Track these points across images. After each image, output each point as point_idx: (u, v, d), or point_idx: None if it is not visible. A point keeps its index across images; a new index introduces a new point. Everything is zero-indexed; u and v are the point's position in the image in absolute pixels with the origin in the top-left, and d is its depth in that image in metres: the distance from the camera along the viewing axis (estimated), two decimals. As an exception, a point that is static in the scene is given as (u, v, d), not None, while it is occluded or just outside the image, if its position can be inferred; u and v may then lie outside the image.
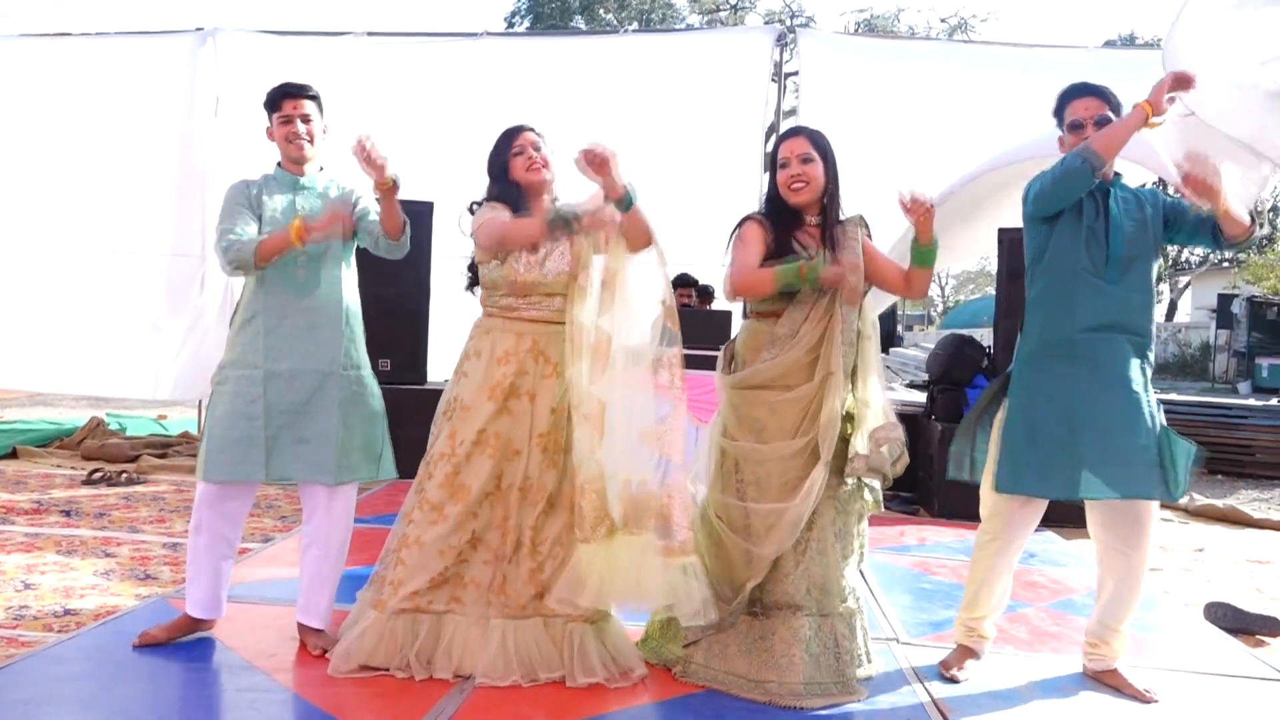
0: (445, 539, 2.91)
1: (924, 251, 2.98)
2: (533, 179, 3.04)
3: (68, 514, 5.08)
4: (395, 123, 7.35)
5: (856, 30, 22.20)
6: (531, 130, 3.11)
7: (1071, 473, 2.92)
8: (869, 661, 3.01)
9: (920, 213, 2.88)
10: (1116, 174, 3.04)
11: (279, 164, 3.14)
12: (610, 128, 7.52)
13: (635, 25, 21.13)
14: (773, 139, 8.63)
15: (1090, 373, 2.93)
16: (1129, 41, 24.06)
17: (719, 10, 23.88)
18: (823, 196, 3.03)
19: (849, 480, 2.95)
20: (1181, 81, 2.79)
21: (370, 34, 7.79)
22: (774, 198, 3.06)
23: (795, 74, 7.70)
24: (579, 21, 23.35)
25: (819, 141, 3.04)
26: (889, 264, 3.10)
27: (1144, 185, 3.08)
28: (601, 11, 23.44)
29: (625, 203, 2.84)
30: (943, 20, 23.29)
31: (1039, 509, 3.07)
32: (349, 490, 3.12)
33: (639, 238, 2.90)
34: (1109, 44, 21.50)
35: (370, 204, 3.08)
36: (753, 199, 6.95)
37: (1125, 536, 2.97)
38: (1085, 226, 2.95)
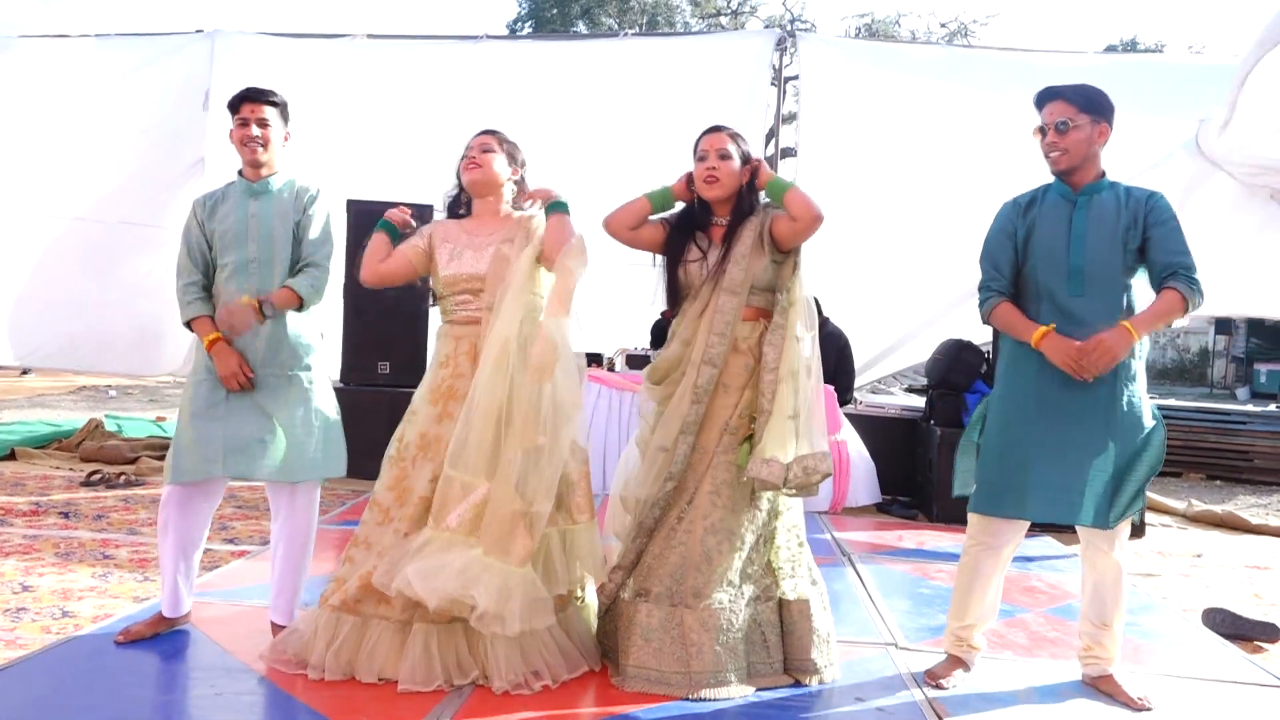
0: (385, 541, 2.93)
1: (770, 189, 3.01)
2: (465, 178, 3.10)
3: (66, 516, 5.08)
4: (395, 125, 7.38)
5: (857, 35, 22.22)
6: (489, 133, 3.13)
7: (1019, 494, 2.93)
8: (804, 669, 2.98)
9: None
10: (1101, 176, 2.96)
11: (239, 170, 3.20)
12: (609, 131, 7.56)
13: (636, 29, 21.12)
14: (771, 143, 8.67)
15: (1046, 394, 2.90)
16: (1130, 46, 24.10)
17: (720, 15, 23.90)
18: (735, 195, 3.05)
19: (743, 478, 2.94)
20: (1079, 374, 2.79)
21: (370, 36, 7.82)
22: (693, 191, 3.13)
23: (795, 78, 7.72)
24: (580, 26, 23.37)
25: (740, 141, 3.09)
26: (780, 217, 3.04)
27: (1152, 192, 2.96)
28: (603, 16, 23.45)
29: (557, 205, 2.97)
30: (942, 25, 23.32)
31: (1026, 519, 3.06)
32: (309, 489, 3.16)
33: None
34: (1110, 49, 21.54)
35: (319, 213, 3.13)
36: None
37: (1099, 534, 2.96)
38: (1048, 242, 2.92)
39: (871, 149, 7.26)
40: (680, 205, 3.14)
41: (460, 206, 3.19)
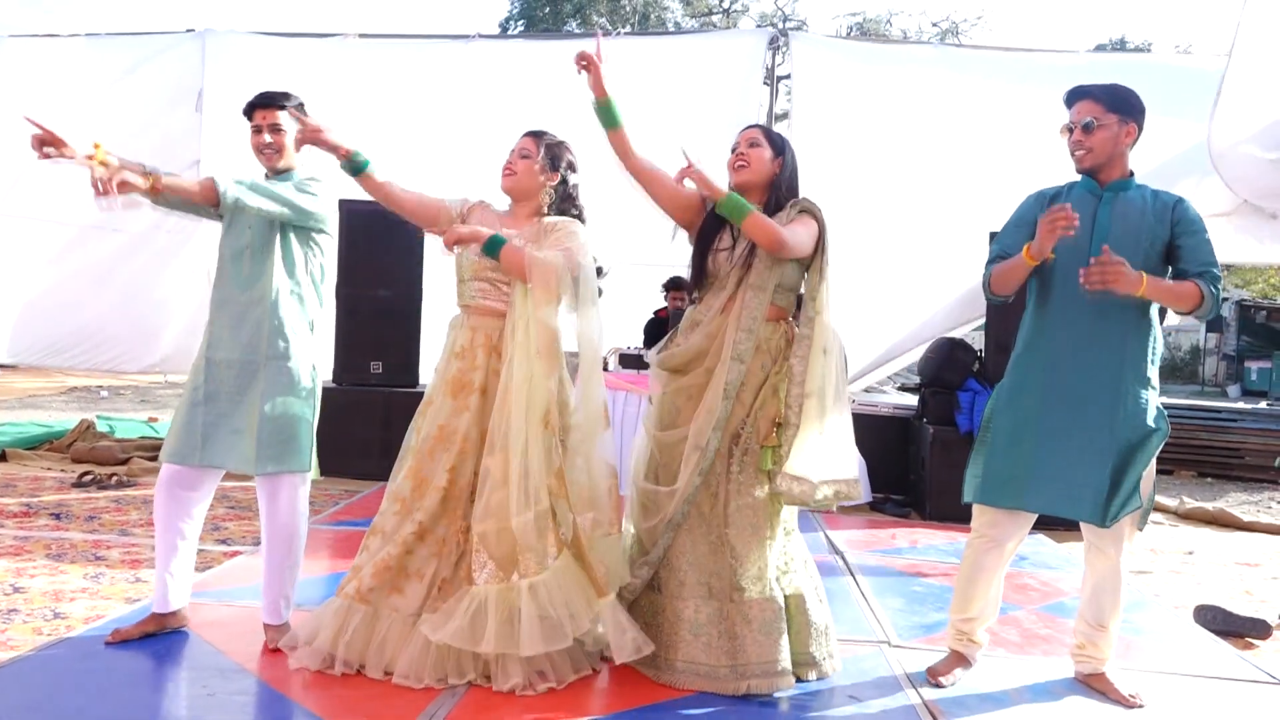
0: (402, 530, 2.94)
1: (723, 206, 2.95)
2: (501, 183, 3.13)
3: (57, 517, 5.06)
4: (386, 124, 7.35)
5: (849, 34, 22.27)
6: (531, 135, 3.16)
7: (1018, 485, 2.95)
8: (803, 662, 3.00)
9: (689, 175, 2.94)
10: (1129, 175, 2.97)
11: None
12: (600, 131, 7.55)
13: (628, 29, 21.12)
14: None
15: (1053, 385, 2.93)
16: (1120, 46, 24.18)
17: (711, 14, 23.93)
18: (767, 188, 3.07)
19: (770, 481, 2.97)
20: (1062, 224, 2.73)
21: (362, 35, 7.80)
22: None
23: (787, 77, 7.72)
24: (571, 26, 23.37)
25: (772, 136, 3.14)
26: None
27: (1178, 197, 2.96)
28: (595, 15, 23.45)
29: (490, 248, 2.90)
30: (934, 24, 23.39)
31: (1029, 514, 3.08)
32: (291, 487, 3.11)
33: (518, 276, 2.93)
34: (1100, 48, 21.61)
35: (302, 182, 3.11)
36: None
37: (1103, 535, 2.98)
38: (1070, 237, 2.93)
39: (864, 148, 7.26)
40: (612, 108, 3.16)
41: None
